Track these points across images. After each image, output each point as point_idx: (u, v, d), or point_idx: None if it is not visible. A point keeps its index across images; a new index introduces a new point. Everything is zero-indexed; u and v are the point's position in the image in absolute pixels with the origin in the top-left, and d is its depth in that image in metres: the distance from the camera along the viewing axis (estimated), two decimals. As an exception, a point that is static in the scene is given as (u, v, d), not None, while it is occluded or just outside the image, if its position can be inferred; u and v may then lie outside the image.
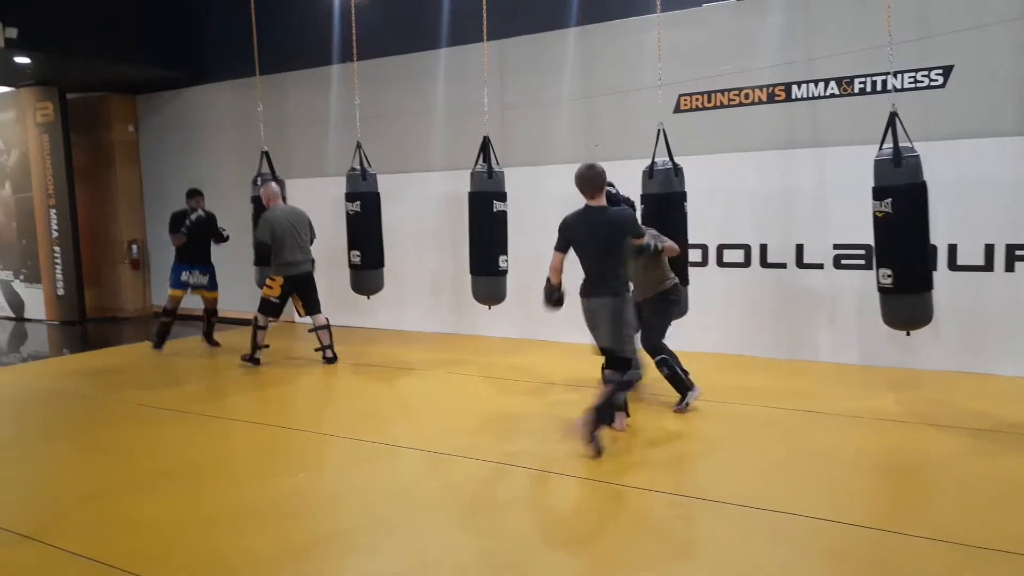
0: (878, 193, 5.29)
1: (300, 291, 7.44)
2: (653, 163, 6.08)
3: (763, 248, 7.09)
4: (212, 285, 8.36)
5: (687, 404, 5.43)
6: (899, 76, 6.31)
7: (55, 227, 11.01)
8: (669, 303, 5.49)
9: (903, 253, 5.27)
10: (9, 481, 4.69)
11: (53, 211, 10.99)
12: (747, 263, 7.17)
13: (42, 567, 3.41)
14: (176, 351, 8.49)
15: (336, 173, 9.32)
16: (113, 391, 6.67)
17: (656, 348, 5.41)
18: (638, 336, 4.97)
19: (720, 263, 7.29)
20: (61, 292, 11.13)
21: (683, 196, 6.06)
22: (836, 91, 6.75)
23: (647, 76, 7.17)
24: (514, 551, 3.46)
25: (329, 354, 7.45)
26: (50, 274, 11.15)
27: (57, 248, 11.03)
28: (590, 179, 4.68)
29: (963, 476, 4.21)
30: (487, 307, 7.05)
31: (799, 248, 6.93)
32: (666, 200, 5.97)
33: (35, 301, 11.45)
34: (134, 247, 11.73)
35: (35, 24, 8.76)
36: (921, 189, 5.21)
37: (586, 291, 4.78)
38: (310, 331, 7.52)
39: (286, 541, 3.60)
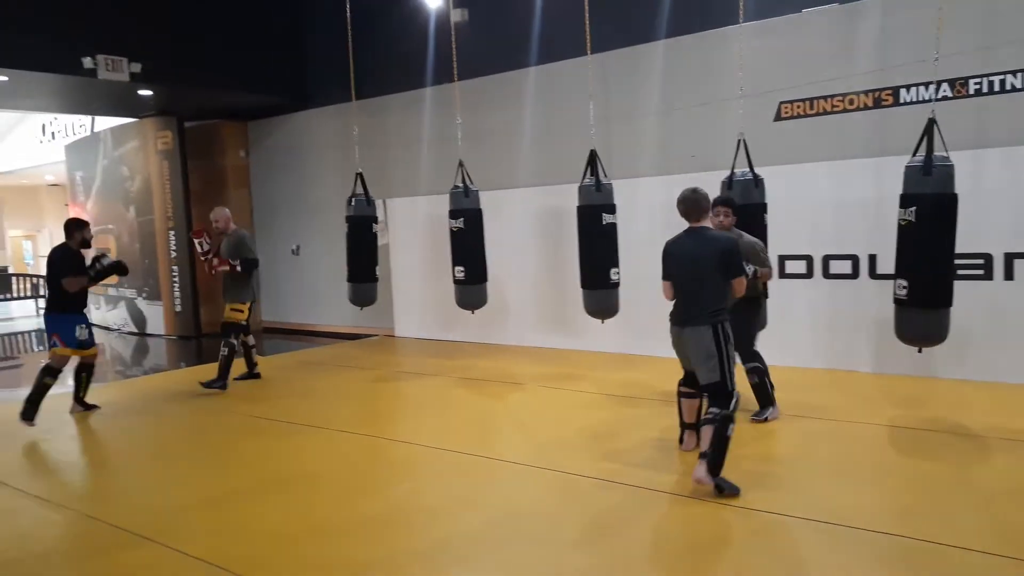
0: (904, 201, 5.06)
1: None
2: (732, 173, 5.95)
3: (872, 259, 6.79)
4: (93, 338, 6.75)
5: (766, 418, 5.33)
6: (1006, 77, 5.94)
7: (173, 248, 11.68)
8: (756, 308, 5.37)
9: (921, 265, 5.00)
10: (131, 486, 4.99)
11: (172, 232, 11.67)
12: (855, 274, 6.88)
13: (159, 567, 3.59)
14: (283, 365, 8.83)
15: (429, 192, 9.55)
16: (226, 403, 6.99)
17: (747, 355, 5.30)
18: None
19: (826, 274, 7.02)
20: (179, 308, 11.78)
21: (763, 207, 5.89)
22: (949, 93, 6.42)
23: (745, 84, 7.02)
24: (618, 570, 3.41)
25: (257, 370, 7.92)
26: (169, 292, 11.82)
27: (175, 267, 11.70)
28: (694, 202, 4.49)
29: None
30: (600, 321, 7.02)
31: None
32: (745, 211, 5.81)
33: (156, 317, 12.17)
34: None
35: (157, 59, 9.37)
36: (950, 200, 4.94)
37: (677, 318, 4.53)
38: (251, 346, 7.91)
39: (391, 551, 3.66)
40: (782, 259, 7.04)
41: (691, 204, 4.50)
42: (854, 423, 5.34)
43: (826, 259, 7.01)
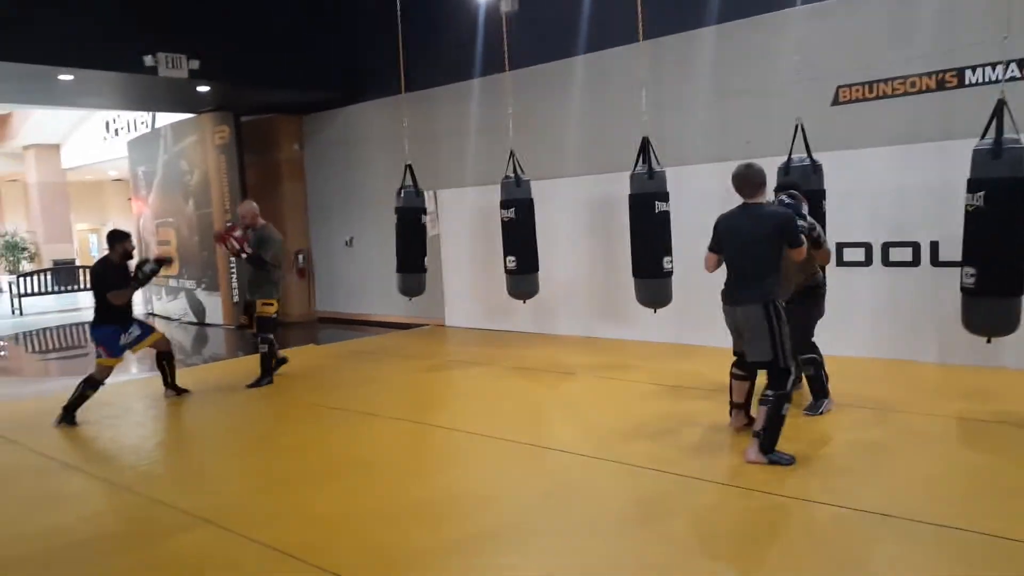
0: (972, 186, 4.87)
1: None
2: (789, 159, 5.82)
3: (934, 246, 6.59)
4: (147, 327, 6.73)
5: (820, 412, 5.20)
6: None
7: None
8: (816, 299, 5.24)
9: (991, 252, 4.82)
10: (192, 470, 5.14)
11: (229, 225, 11.91)
12: (916, 262, 6.68)
13: (220, 549, 3.70)
14: (337, 354, 8.97)
15: (479, 182, 9.58)
16: (283, 390, 7.14)
17: (804, 346, 5.15)
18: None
19: (885, 262, 6.84)
20: (236, 299, 12.05)
21: (821, 194, 5.75)
22: (1017, 74, 6.17)
23: (801, 68, 6.87)
24: (669, 556, 3.38)
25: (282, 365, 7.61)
26: (227, 282, 12.10)
27: (232, 259, 11.95)
28: (748, 177, 4.48)
29: None
30: (653, 310, 6.95)
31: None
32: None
33: (214, 307, 12.48)
34: (300, 257, 12.53)
35: (214, 56, 9.58)
36: (1022, 184, 4.73)
37: (729, 297, 4.54)
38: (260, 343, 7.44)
39: (445, 537, 3.71)
40: (840, 247, 6.87)
41: (743, 179, 4.49)
42: (918, 415, 5.19)
43: (885, 246, 6.82)
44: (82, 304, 17.16)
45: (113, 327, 6.35)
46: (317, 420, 6.03)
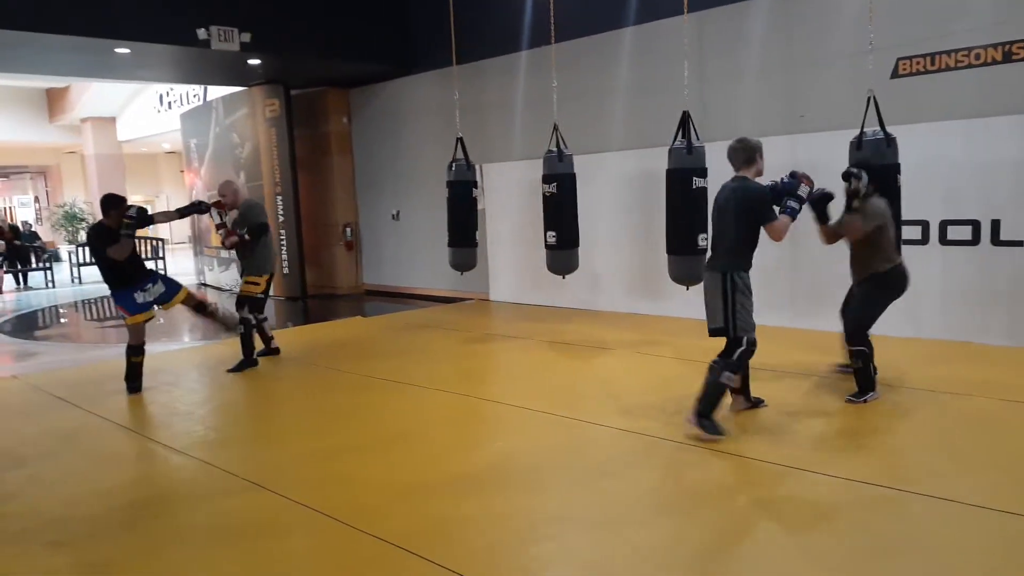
0: None
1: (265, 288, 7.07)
2: (862, 132, 5.63)
3: (995, 224, 6.38)
4: (175, 283, 6.35)
5: (864, 400, 4.96)
6: None
7: (280, 212, 12.13)
8: (882, 288, 4.99)
9: None
10: (243, 437, 5.29)
11: (279, 198, 12.12)
12: (975, 240, 6.48)
13: (269, 511, 3.80)
14: (385, 326, 9.09)
15: (524, 156, 9.54)
16: (331, 361, 7.26)
17: (855, 335, 4.96)
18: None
19: (943, 241, 6.64)
20: (286, 271, 12.26)
21: (896, 168, 5.56)
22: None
23: (858, 40, 6.66)
24: (715, 541, 3.38)
25: (275, 344, 7.42)
26: (278, 255, 12.31)
27: (283, 231, 12.16)
28: (735, 150, 4.66)
29: None
30: (685, 287, 6.89)
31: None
32: (877, 172, 5.50)
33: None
34: (348, 230, 12.68)
35: (265, 29, 9.67)
36: None
37: (707, 264, 4.79)
38: (262, 320, 7.26)
39: (490, 507, 3.75)
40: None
41: (730, 153, 4.66)
42: (987, 398, 5.04)
43: (943, 224, 6.62)
44: (137, 274, 17.65)
45: (125, 290, 6.03)
46: (364, 390, 6.13)
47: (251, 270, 6.93)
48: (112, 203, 5.91)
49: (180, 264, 18.93)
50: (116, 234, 5.83)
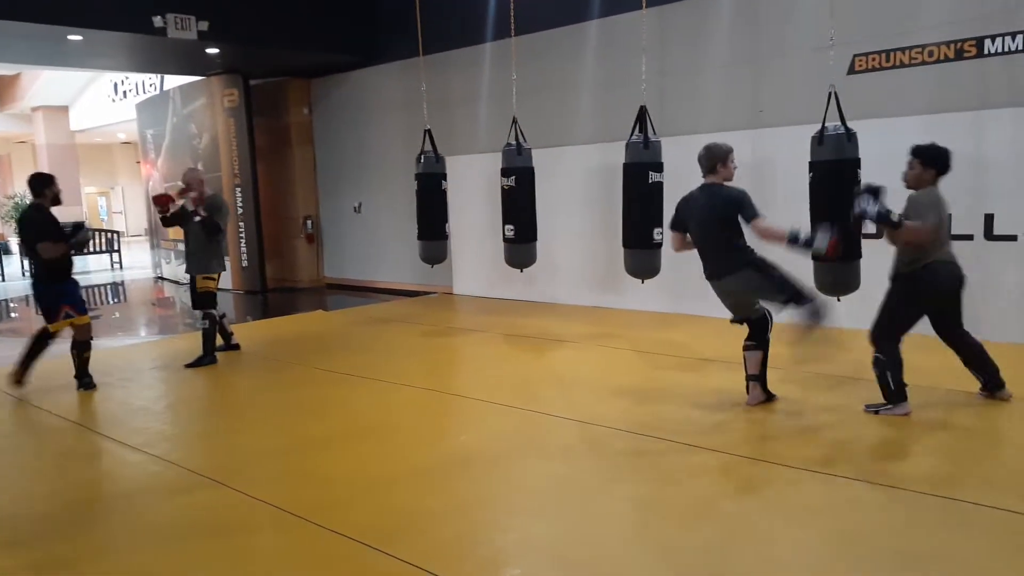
0: None
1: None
2: (823, 128, 5.72)
3: (947, 219, 6.51)
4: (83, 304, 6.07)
5: (878, 412, 4.56)
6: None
7: (240, 204, 11.94)
8: (914, 289, 4.49)
9: None
10: (202, 433, 5.21)
11: (238, 189, 11.93)
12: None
13: (230, 508, 3.76)
14: (346, 320, 9.02)
15: (486, 149, 9.53)
16: (293, 356, 7.19)
17: (879, 340, 4.53)
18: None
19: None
20: (245, 264, 12.09)
21: (856, 163, 5.67)
22: (1031, 45, 6.08)
23: (816, 37, 6.77)
24: (680, 528, 3.42)
25: (235, 340, 7.29)
26: (236, 247, 12.12)
27: (242, 224, 11.98)
28: (703, 157, 4.76)
29: None
30: (640, 281, 6.95)
31: (988, 219, 6.33)
32: (838, 167, 5.61)
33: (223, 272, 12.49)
34: (309, 222, 12.54)
35: (223, 17, 9.49)
36: None
37: (708, 273, 4.80)
38: (221, 316, 7.15)
39: (454, 500, 3.76)
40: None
41: (701, 159, 4.76)
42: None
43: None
44: (91, 267, 17.25)
45: (69, 284, 5.82)
46: (325, 385, 6.08)
47: (203, 268, 6.80)
48: (45, 182, 5.68)
49: (136, 257, 18.55)
50: (52, 218, 5.62)
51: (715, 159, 4.72)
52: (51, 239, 5.57)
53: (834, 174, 5.58)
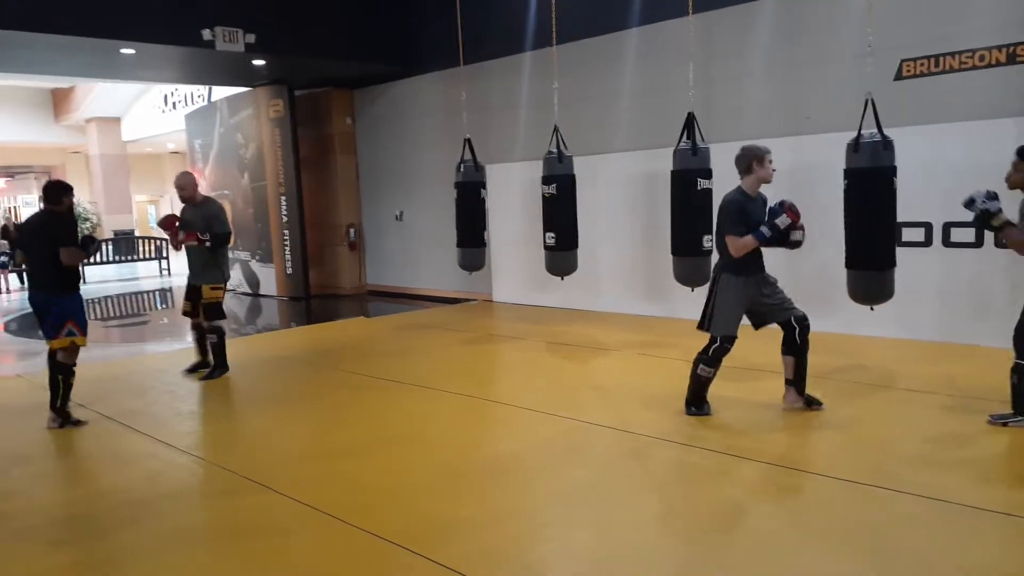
0: None
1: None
2: (859, 135, 5.63)
3: (999, 227, 6.34)
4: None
5: (1006, 423, 4.35)
6: None
7: (284, 212, 12.15)
8: None
9: None
10: (245, 436, 5.30)
11: (283, 198, 12.14)
12: (979, 243, 6.46)
13: (272, 510, 3.81)
14: (387, 327, 9.09)
15: (525, 158, 9.54)
16: (335, 361, 7.27)
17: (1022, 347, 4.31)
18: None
19: (946, 243, 6.63)
20: (290, 271, 12.28)
21: (892, 171, 5.56)
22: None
23: (863, 42, 6.64)
24: (718, 541, 3.38)
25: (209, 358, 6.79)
26: (280, 254, 12.33)
27: (286, 231, 12.18)
28: (740, 156, 4.74)
29: None
30: (690, 289, 6.88)
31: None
32: (873, 175, 5.51)
33: (268, 279, 12.73)
34: (351, 230, 12.69)
35: (270, 30, 9.69)
36: None
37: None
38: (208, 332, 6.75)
39: (493, 506, 3.77)
40: (898, 226, 6.67)
41: (737, 159, 4.77)
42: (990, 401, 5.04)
43: (947, 226, 6.60)
44: (140, 273, 17.69)
45: (76, 294, 5.40)
46: (366, 391, 6.13)
47: (213, 278, 6.66)
48: (64, 190, 5.33)
49: (183, 264, 18.90)
50: (71, 226, 5.34)
51: (750, 158, 4.68)
52: (76, 244, 5.29)
53: (870, 181, 5.48)
